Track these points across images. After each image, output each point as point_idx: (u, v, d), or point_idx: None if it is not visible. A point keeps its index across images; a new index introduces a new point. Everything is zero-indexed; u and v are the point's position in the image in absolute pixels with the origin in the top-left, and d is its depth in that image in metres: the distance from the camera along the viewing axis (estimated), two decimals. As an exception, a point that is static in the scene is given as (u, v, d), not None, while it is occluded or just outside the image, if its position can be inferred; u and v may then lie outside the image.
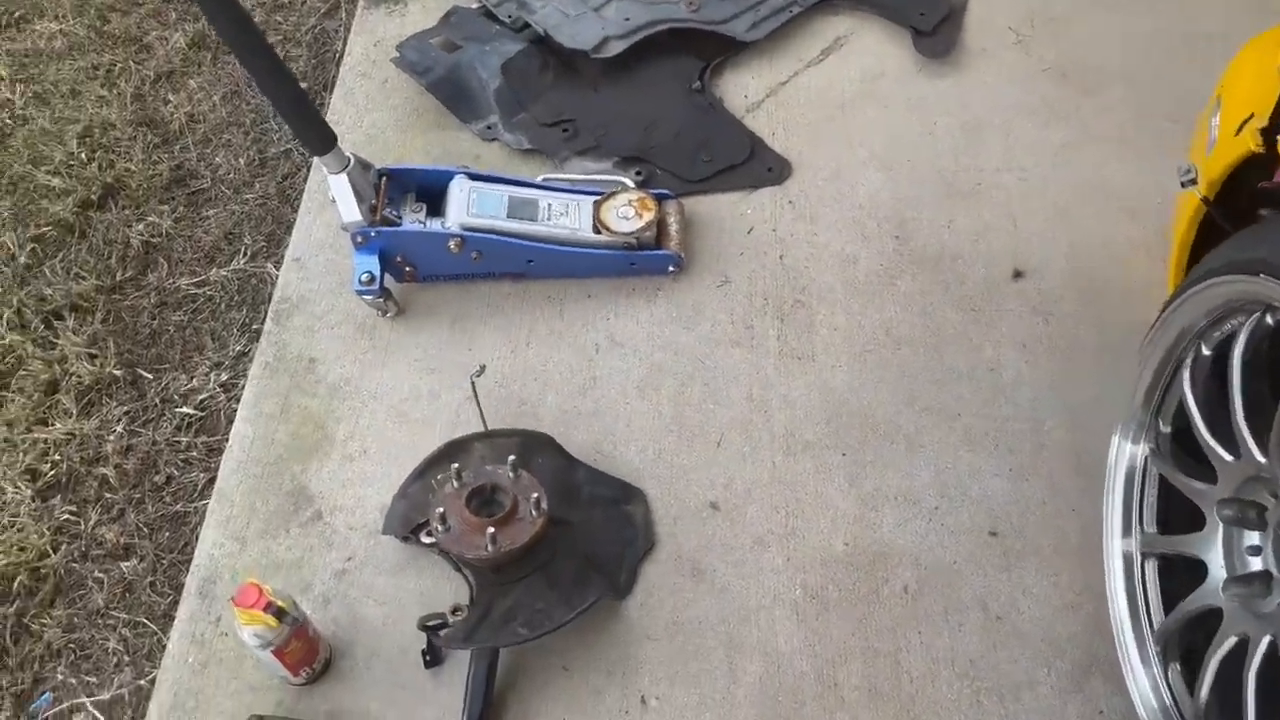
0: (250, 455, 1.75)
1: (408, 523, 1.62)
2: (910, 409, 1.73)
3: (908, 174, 2.01)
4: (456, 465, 1.54)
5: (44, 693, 1.62)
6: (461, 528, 1.49)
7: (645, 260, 1.88)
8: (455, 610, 1.49)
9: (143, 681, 1.59)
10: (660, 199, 1.91)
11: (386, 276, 1.82)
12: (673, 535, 1.63)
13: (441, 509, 1.50)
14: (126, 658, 1.65)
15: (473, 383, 1.67)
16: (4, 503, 1.78)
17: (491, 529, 1.46)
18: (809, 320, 1.84)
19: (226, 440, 1.78)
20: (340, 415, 1.78)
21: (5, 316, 1.98)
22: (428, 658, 1.52)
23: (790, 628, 1.54)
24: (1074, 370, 1.75)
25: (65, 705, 1.61)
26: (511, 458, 1.54)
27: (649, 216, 1.85)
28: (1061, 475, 1.65)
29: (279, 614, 1.39)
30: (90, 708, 1.60)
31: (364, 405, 1.80)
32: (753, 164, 2.03)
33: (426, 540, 1.58)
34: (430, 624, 1.48)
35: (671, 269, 1.89)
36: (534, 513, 1.50)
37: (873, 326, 1.82)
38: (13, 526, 1.75)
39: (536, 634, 1.46)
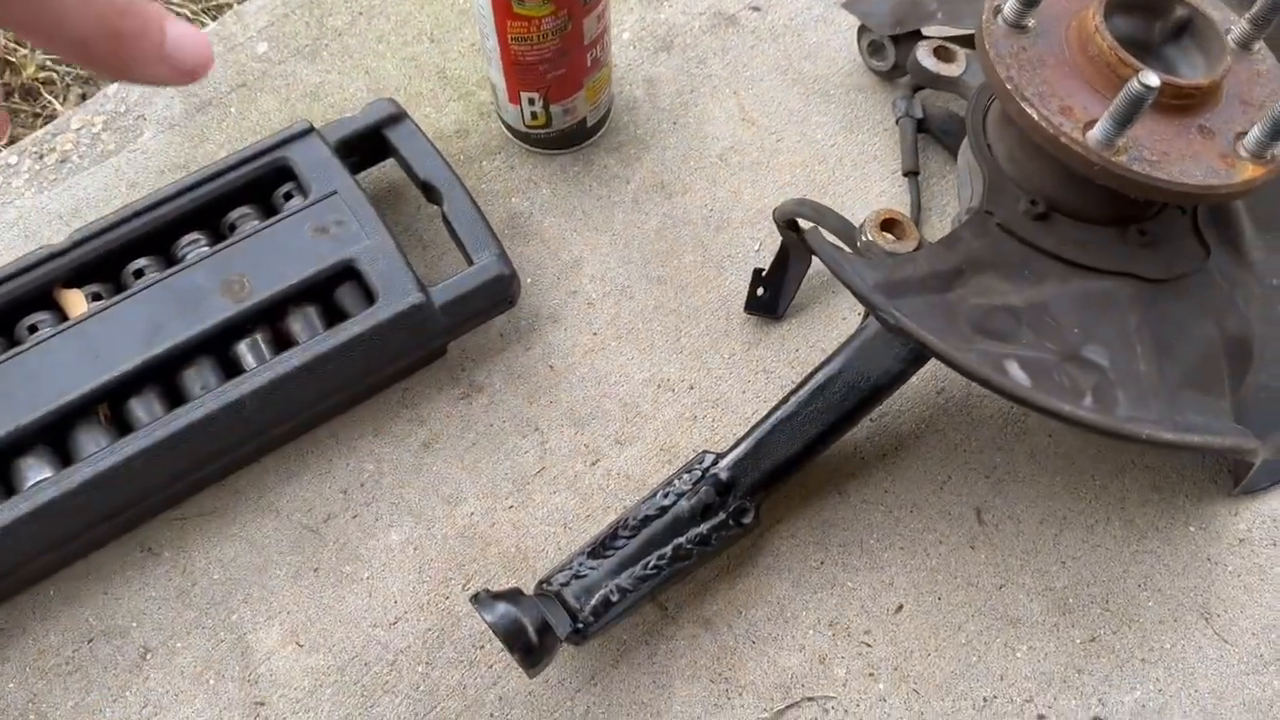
0: None
1: (906, 14, 0.68)
2: None
3: None
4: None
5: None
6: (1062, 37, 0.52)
7: None
8: (883, 229, 0.53)
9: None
10: None
11: None
12: None
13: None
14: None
15: None
16: None
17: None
18: None
19: None
20: None
21: None
22: (761, 295, 0.63)
23: None
24: None
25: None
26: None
27: None
28: None
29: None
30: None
31: None
32: None
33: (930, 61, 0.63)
34: (794, 221, 0.56)
35: None
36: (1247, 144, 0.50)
37: None
38: None
39: (1053, 408, 0.49)
